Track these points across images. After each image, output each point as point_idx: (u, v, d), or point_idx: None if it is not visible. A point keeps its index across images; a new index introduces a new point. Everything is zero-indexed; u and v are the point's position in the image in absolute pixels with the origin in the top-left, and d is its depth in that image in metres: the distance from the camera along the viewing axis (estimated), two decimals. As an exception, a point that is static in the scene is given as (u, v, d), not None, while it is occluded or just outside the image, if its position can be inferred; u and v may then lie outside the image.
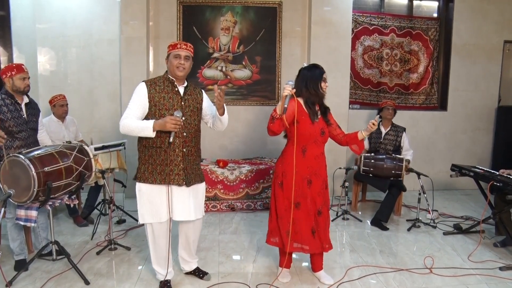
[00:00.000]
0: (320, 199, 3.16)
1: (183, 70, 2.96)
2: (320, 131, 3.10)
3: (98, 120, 5.94)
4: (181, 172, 2.97)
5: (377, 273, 3.57)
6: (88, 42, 5.80)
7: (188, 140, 3.02)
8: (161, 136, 2.92)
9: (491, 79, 6.66)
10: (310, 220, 3.14)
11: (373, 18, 6.46)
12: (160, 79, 3.02)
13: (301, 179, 3.11)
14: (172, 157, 2.95)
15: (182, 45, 2.97)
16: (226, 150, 6.10)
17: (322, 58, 5.78)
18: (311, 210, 3.13)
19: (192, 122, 3.05)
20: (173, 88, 2.99)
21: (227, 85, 6.07)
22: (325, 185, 3.23)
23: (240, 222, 4.87)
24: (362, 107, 6.54)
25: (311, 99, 3.09)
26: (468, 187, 6.38)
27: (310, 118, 3.06)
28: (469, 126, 6.71)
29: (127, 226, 4.63)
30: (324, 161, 3.21)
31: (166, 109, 2.92)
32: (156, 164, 2.96)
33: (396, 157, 4.83)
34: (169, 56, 2.98)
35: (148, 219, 3.02)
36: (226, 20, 5.98)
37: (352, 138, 3.19)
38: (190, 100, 3.06)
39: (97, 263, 3.66)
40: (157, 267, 3.20)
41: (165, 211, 3.01)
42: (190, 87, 3.12)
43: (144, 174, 2.98)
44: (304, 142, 3.08)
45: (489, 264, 3.78)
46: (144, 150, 3.00)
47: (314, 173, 3.12)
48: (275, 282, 3.34)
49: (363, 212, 5.34)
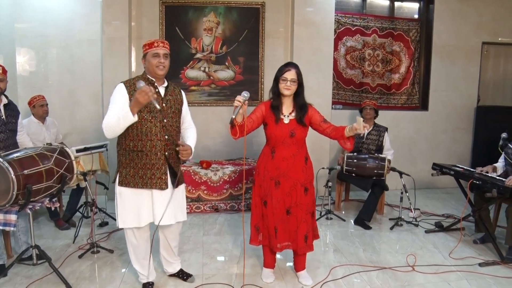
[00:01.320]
0: (289, 199, 3.14)
1: (164, 69, 2.89)
2: (289, 133, 3.09)
3: (79, 122, 5.86)
4: (163, 176, 2.93)
5: (360, 271, 3.60)
6: (68, 42, 5.72)
7: (170, 143, 2.97)
8: (142, 140, 2.86)
9: (470, 79, 6.77)
10: (276, 219, 3.14)
11: (355, 19, 6.51)
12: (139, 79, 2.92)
13: (269, 179, 3.14)
14: (154, 161, 2.90)
15: (159, 43, 2.88)
16: (209, 151, 6.08)
17: (305, 59, 5.82)
18: (277, 209, 3.13)
19: (173, 124, 3.01)
20: (153, 89, 2.91)
21: (210, 86, 6.05)
22: (303, 188, 3.18)
23: (224, 223, 4.86)
24: (344, 107, 6.58)
25: (274, 102, 3.12)
26: (448, 186, 6.48)
27: (275, 120, 3.08)
28: (450, 125, 6.82)
29: (110, 228, 4.58)
30: (300, 164, 3.17)
31: (148, 111, 2.84)
32: (137, 168, 2.90)
33: (378, 156, 4.88)
34: (147, 56, 2.90)
35: (128, 223, 2.97)
36: (209, 20, 5.96)
37: (340, 135, 3.11)
38: (171, 101, 3.01)
39: (80, 267, 3.60)
40: (138, 267, 3.17)
41: (146, 215, 2.96)
42: (171, 86, 3.06)
43: (126, 178, 2.92)
44: (273, 143, 3.11)
45: (469, 260, 3.85)
46: (124, 154, 2.93)
47: (282, 175, 3.12)
48: (259, 282, 3.34)
49: (347, 212, 5.37)
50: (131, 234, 3.05)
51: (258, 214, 3.25)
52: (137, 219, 2.95)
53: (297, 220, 3.16)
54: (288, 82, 3.05)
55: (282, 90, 3.07)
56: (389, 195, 5.62)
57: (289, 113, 3.14)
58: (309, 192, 3.23)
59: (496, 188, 3.77)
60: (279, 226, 3.15)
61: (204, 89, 6.04)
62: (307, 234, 3.22)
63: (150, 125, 2.86)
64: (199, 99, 6.02)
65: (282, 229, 3.16)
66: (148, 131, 2.86)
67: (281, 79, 3.07)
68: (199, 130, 5.81)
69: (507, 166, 4.25)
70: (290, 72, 3.05)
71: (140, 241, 3.07)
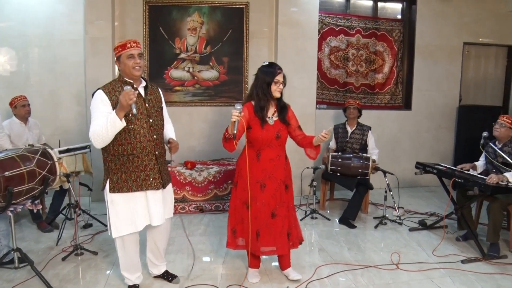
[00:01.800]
0: (274, 201, 3.14)
1: (140, 69, 2.86)
2: (275, 135, 3.09)
3: (62, 122, 5.78)
4: (157, 175, 2.94)
5: (345, 270, 3.62)
6: (50, 42, 5.63)
7: (159, 142, 2.98)
8: (132, 143, 2.83)
9: (452, 79, 6.87)
10: (257, 223, 3.11)
11: (339, 19, 6.55)
12: (117, 83, 2.88)
13: (254, 182, 3.12)
14: (147, 162, 2.89)
15: (132, 44, 2.84)
16: (194, 151, 6.05)
17: (289, 59, 5.83)
18: (262, 213, 3.11)
19: (159, 123, 3.00)
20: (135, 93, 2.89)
21: (195, 86, 6.02)
22: (284, 186, 3.21)
23: (209, 223, 4.85)
24: (329, 107, 6.61)
25: (260, 104, 3.09)
26: (432, 184, 6.56)
27: (261, 124, 3.07)
28: (432, 125, 6.90)
29: (94, 230, 4.52)
30: (282, 163, 3.20)
31: (132, 114, 2.79)
32: (130, 171, 2.86)
33: (363, 156, 4.92)
34: (121, 58, 2.84)
35: (124, 230, 2.93)
36: (193, 20, 5.93)
37: (308, 142, 3.19)
38: (153, 100, 3.00)
39: (63, 270, 3.55)
40: (126, 273, 3.16)
41: (142, 218, 2.94)
42: (149, 85, 3.03)
43: (118, 184, 2.87)
44: (258, 146, 3.09)
45: (452, 257, 3.91)
46: (114, 160, 2.87)
47: (268, 176, 3.12)
48: (244, 282, 3.34)
49: (331, 211, 5.40)
50: (121, 243, 3.01)
51: (237, 217, 3.24)
52: (133, 224, 2.92)
53: (282, 221, 3.16)
54: (280, 84, 3.07)
55: (275, 93, 3.08)
56: (373, 194, 5.66)
57: (272, 114, 3.14)
58: (289, 189, 3.27)
59: (477, 186, 3.83)
60: (262, 230, 3.12)
61: (189, 90, 6.01)
62: (290, 231, 3.23)
63: (137, 127, 2.84)
64: (183, 100, 5.99)
65: (267, 234, 3.13)
66: (137, 133, 2.84)
67: (274, 82, 3.06)
68: (184, 130, 5.87)
69: (488, 165, 4.32)
70: (281, 75, 3.09)
71: (131, 247, 3.05)
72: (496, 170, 4.13)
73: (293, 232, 3.29)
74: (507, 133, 4.09)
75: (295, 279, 3.36)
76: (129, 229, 2.93)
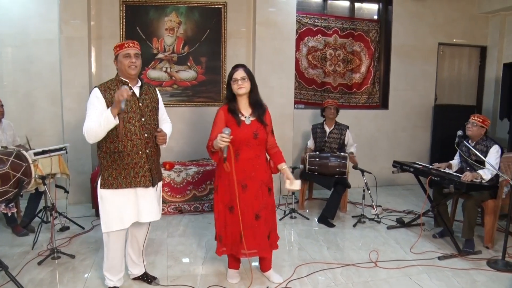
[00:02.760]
0: (257, 202, 3.13)
1: (136, 69, 2.92)
2: (253, 134, 3.09)
3: (37, 124, 5.65)
4: (147, 173, 2.97)
5: (325, 269, 3.65)
6: (24, 41, 5.51)
7: (150, 141, 3.00)
8: (123, 141, 2.88)
9: (428, 79, 6.99)
10: (243, 225, 3.06)
11: (317, 20, 6.59)
12: (113, 82, 2.96)
13: (235, 183, 3.09)
14: (136, 159, 2.93)
15: (129, 44, 2.93)
16: (172, 152, 6.00)
17: (267, 59, 5.84)
18: (246, 214, 3.08)
19: (151, 122, 3.02)
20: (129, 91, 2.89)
21: (172, 86, 5.98)
22: (267, 188, 3.22)
23: (188, 224, 4.82)
24: (307, 107, 6.65)
25: (230, 106, 3.12)
26: (409, 183, 6.66)
27: (237, 123, 3.07)
28: (409, 124, 7.01)
29: (71, 233, 4.44)
30: (263, 164, 3.19)
31: (126, 112, 2.84)
32: (120, 168, 2.91)
33: (340, 155, 4.96)
34: (118, 57, 2.93)
35: (113, 226, 2.96)
36: (171, 20, 5.89)
37: (275, 161, 3.29)
38: (147, 100, 3.03)
39: (39, 274, 3.48)
40: (108, 274, 3.15)
41: (130, 215, 2.97)
42: (145, 85, 3.08)
43: (108, 180, 2.93)
44: (236, 146, 3.06)
45: (429, 254, 3.98)
46: (106, 157, 2.93)
47: (248, 177, 3.11)
48: (224, 283, 3.33)
49: (310, 210, 5.43)
50: (107, 239, 3.04)
51: (222, 223, 3.19)
52: (120, 221, 2.96)
53: (265, 224, 3.15)
54: (238, 81, 3.06)
55: (236, 90, 3.08)
56: (351, 192, 5.71)
57: (249, 114, 3.14)
58: (272, 192, 3.27)
59: (453, 184, 3.92)
60: (246, 232, 3.08)
61: (166, 90, 5.96)
62: (270, 234, 3.23)
63: (128, 125, 2.89)
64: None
65: (251, 236, 3.09)
66: (128, 131, 2.89)
67: (232, 81, 3.10)
68: (162, 131, 5.80)
69: (462, 163, 4.41)
70: (238, 72, 3.09)
71: (116, 245, 3.07)
72: (470, 168, 4.21)
73: (272, 234, 3.28)
74: (479, 131, 4.17)
75: (276, 282, 3.36)
76: (117, 226, 2.96)
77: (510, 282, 3.41)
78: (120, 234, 3.05)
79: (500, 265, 3.68)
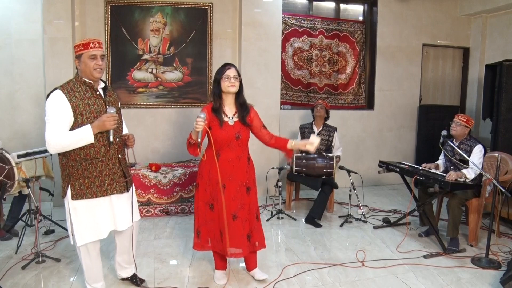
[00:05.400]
0: (235, 203, 3.13)
1: (101, 71, 2.78)
2: (235, 135, 3.09)
3: (20, 126, 5.56)
4: (121, 179, 2.88)
5: (312, 269, 3.65)
6: (6, 42, 5.41)
7: (120, 144, 2.92)
8: (95, 146, 2.74)
9: (413, 79, 7.06)
10: (221, 223, 3.11)
11: (302, 21, 6.61)
12: (75, 84, 2.79)
13: (215, 182, 3.10)
14: (111, 165, 2.82)
15: (95, 44, 2.75)
16: (159, 153, 5.97)
17: (253, 60, 5.84)
18: (223, 213, 3.09)
19: (119, 126, 2.93)
20: (93, 93, 2.80)
21: (158, 87, 5.94)
22: (246, 188, 3.20)
23: (175, 226, 4.79)
24: (293, 107, 6.67)
25: (216, 105, 3.10)
26: (395, 182, 6.72)
27: (219, 124, 3.07)
28: (394, 124, 7.07)
29: (56, 236, 4.38)
30: (244, 165, 3.19)
31: (94, 116, 2.73)
32: (93, 176, 2.77)
33: (327, 155, 4.97)
34: (82, 57, 2.74)
35: (88, 237, 2.82)
36: (156, 21, 5.85)
37: (281, 145, 3.23)
38: (112, 102, 2.92)
39: (23, 278, 3.42)
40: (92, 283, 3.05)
41: (106, 224, 2.87)
42: (107, 87, 2.96)
43: (81, 190, 2.75)
44: (218, 146, 3.06)
45: (415, 253, 4.01)
46: (75, 165, 2.74)
47: (228, 178, 3.11)
48: (211, 284, 3.32)
49: (297, 211, 5.44)
50: (85, 251, 2.90)
51: (201, 219, 3.22)
52: (97, 231, 2.84)
53: (242, 224, 3.16)
54: (231, 79, 3.05)
55: (227, 88, 3.06)
56: (338, 193, 5.74)
57: (233, 115, 3.14)
58: (251, 192, 3.24)
59: (437, 183, 3.96)
60: (226, 230, 3.10)
61: (152, 91, 5.92)
62: (250, 234, 3.22)
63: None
64: (147, 101, 5.90)
65: (231, 235, 3.10)
66: (100, 136, 2.75)
67: (223, 78, 3.06)
68: (148, 132, 5.80)
69: (447, 162, 4.46)
70: (231, 70, 3.08)
71: (96, 256, 2.97)
72: (454, 167, 4.26)
73: (254, 234, 3.27)
74: (463, 131, 4.22)
75: (261, 279, 3.37)
76: (93, 237, 2.84)
77: (494, 279, 3.46)
78: (96, 243, 2.93)
79: (483, 262, 3.74)
